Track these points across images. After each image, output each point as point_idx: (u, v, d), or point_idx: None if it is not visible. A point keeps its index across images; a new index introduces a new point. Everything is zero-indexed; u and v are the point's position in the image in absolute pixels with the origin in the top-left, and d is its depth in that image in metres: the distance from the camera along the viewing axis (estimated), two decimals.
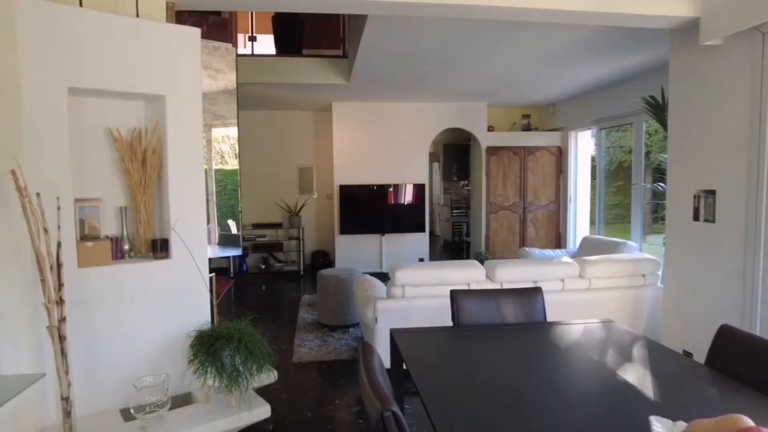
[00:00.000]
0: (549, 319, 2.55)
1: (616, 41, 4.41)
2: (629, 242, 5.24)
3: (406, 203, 7.73)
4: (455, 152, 9.45)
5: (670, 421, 1.34)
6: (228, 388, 2.42)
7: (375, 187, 7.63)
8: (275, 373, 2.92)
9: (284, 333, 4.93)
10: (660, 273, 4.04)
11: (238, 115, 3.33)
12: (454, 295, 2.50)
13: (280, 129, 8.25)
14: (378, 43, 4.50)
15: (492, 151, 7.70)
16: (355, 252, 7.71)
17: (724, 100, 3.17)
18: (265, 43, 7.02)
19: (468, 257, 8.18)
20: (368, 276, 4.63)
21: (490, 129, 7.82)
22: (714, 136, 3.26)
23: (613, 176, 8.04)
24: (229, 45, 3.27)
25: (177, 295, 2.69)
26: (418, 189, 7.69)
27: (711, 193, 3.26)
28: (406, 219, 7.73)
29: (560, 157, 7.77)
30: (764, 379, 1.68)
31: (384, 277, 4.28)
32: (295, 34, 6.55)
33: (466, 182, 9.32)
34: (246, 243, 7.75)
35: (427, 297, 3.63)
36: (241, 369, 2.43)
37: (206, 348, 2.43)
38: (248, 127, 7.91)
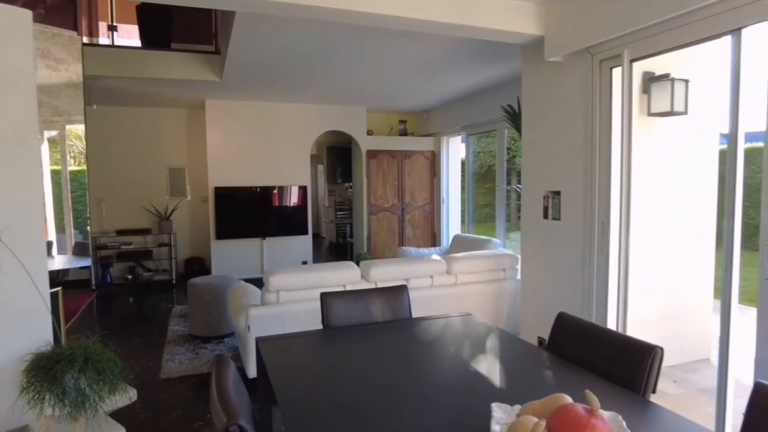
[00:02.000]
0: (418, 314, 2.65)
1: (479, 53, 4.75)
2: (494, 239, 5.67)
3: (288, 205, 7.60)
4: (338, 155, 9.51)
5: (508, 406, 1.45)
6: (72, 416, 2.17)
7: (258, 189, 7.39)
8: (134, 392, 2.68)
9: (152, 348, 4.57)
10: (518, 267, 4.42)
11: (85, 111, 3.00)
12: (324, 297, 2.50)
13: (148, 127, 7.63)
14: (249, 41, 4.36)
15: (372, 154, 7.87)
16: (234, 258, 7.39)
17: (566, 111, 3.56)
18: (132, 34, 6.45)
19: (351, 258, 8.27)
20: (243, 282, 4.46)
21: (370, 133, 7.99)
22: (558, 143, 3.65)
23: (484, 179, 8.65)
24: (74, 33, 2.94)
25: (8, 314, 2.35)
26: (301, 191, 7.60)
27: (557, 193, 3.65)
28: (289, 222, 7.60)
29: (434, 160, 8.18)
30: (591, 359, 1.90)
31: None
32: (162, 27, 6.09)
33: (350, 184, 9.43)
34: (109, 251, 7.05)
35: (303, 301, 3.59)
36: (87, 392, 2.19)
37: (44, 372, 2.15)
38: (109, 125, 7.22)
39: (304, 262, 7.65)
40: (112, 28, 6.02)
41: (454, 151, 8.06)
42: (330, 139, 9.03)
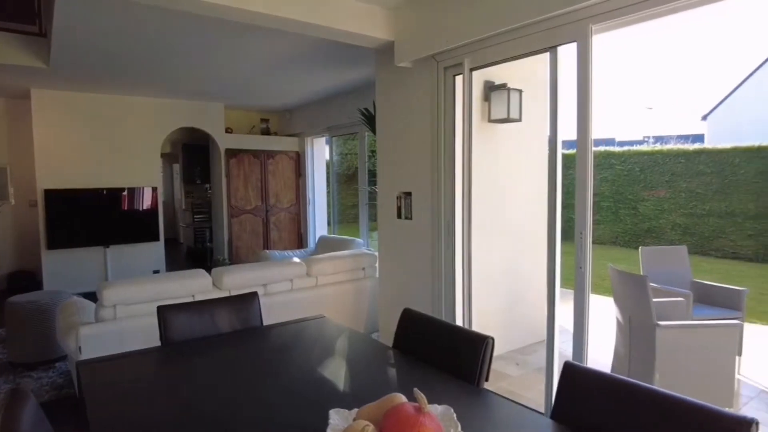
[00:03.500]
0: (278, 320, 2.55)
1: (337, 55, 4.76)
2: (357, 239, 5.74)
3: (136, 209, 6.89)
4: (196, 153, 8.89)
5: (347, 411, 1.44)
6: None
7: (105, 191, 6.58)
8: None
9: None
10: (377, 265, 4.52)
11: None
12: (161, 311, 2.28)
13: None
14: (78, 22, 3.84)
15: (232, 153, 7.50)
16: (71, 270, 6.49)
17: (415, 116, 3.72)
18: None
19: (210, 264, 7.79)
20: (77, 298, 3.93)
21: (229, 131, 7.60)
22: (409, 146, 3.79)
23: (352, 180, 8.74)
24: None
25: None
26: (150, 193, 6.95)
27: (409, 194, 3.80)
28: (138, 227, 6.89)
29: (299, 161, 8.07)
30: (434, 353, 1.97)
31: None
32: None
33: (209, 185, 8.88)
34: None
35: (145, 315, 3.26)
36: None
37: None
38: None
39: (156, 271, 7.02)
40: None
41: (319, 152, 8.03)
42: (185, 137, 8.41)
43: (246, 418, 1.53)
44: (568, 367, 1.56)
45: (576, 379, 1.54)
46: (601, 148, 11.37)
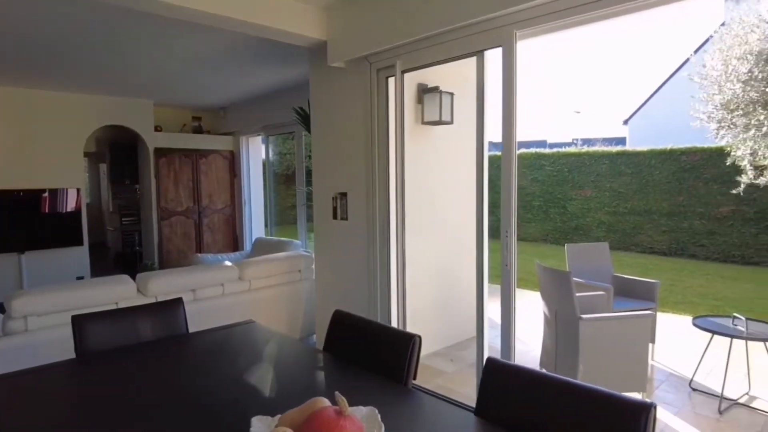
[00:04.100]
0: (208, 326, 2.45)
1: (272, 53, 4.66)
2: (295, 241, 5.66)
3: (57, 212, 6.42)
4: (123, 153, 8.40)
5: (269, 418, 1.40)
6: None
7: (21, 193, 6.08)
8: None
9: None
10: (314, 267, 4.48)
11: None
12: (75, 320, 2.13)
13: None
14: None
15: (161, 152, 7.16)
16: None
17: (350, 116, 3.71)
18: None
19: (138, 269, 7.40)
20: None
21: (158, 129, 7.26)
22: (344, 147, 3.78)
23: (291, 180, 8.59)
24: None
25: None
26: (74, 194, 6.50)
27: (344, 195, 3.78)
28: (58, 231, 6.43)
29: (233, 161, 7.84)
30: (364, 355, 1.97)
31: None
32: None
33: (139, 186, 8.43)
34: None
35: (61, 326, 3.04)
36: None
37: None
38: None
39: (80, 278, 6.59)
40: None
41: (255, 151, 7.84)
42: (113, 135, 7.94)
43: (164, 430, 1.46)
44: (490, 363, 1.61)
45: (497, 374, 1.59)
46: (533, 150, 11.87)
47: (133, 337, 2.26)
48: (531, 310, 5.06)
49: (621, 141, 16.14)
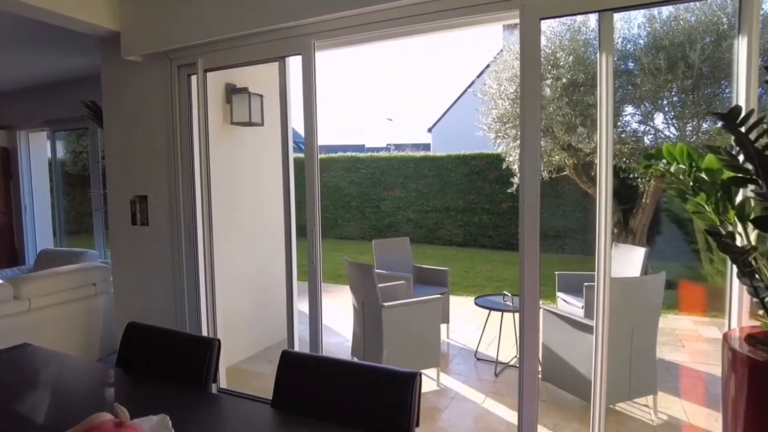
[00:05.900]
0: None
1: (53, 37, 4.06)
2: (91, 251, 5.05)
3: None
4: None
5: None
6: None
7: None
8: None
9: None
10: (112, 279, 4.07)
11: None
12: None
13: None
14: None
15: None
16: None
17: (148, 114, 3.47)
18: None
19: None
20: None
21: None
22: (144, 146, 3.52)
23: (87, 183, 7.58)
24: None
25: None
26: None
27: (144, 198, 3.53)
28: None
29: (8, 160, 6.62)
30: (163, 365, 1.89)
31: None
32: None
33: None
34: None
35: None
36: None
37: None
38: None
39: None
40: None
41: (39, 149, 6.72)
42: None
43: None
44: (284, 355, 1.71)
45: (291, 365, 1.69)
46: (350, 154, 12.58)
47: None
48: (347, 305, 5.35)
49: (426, 147, 18.01)
